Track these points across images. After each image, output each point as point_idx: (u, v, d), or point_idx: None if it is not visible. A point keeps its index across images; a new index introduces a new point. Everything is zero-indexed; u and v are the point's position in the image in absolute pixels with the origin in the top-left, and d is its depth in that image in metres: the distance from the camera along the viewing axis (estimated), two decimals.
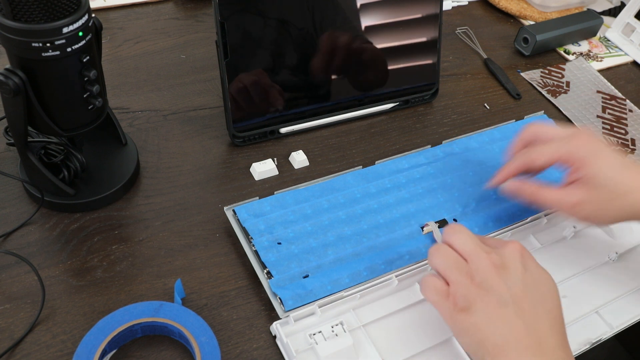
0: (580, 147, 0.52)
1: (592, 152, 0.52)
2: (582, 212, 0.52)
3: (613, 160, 0.52)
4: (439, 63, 0.74)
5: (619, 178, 0.51)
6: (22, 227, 0.55)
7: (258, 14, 0.61)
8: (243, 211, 0.57)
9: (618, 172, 0.51)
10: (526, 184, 0.55)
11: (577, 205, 0.52)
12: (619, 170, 0.51)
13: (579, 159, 0.52)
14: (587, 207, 0.52)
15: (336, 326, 0.50)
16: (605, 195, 0.51)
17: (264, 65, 0.63)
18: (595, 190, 0.51)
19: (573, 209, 0.52)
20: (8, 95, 0.48)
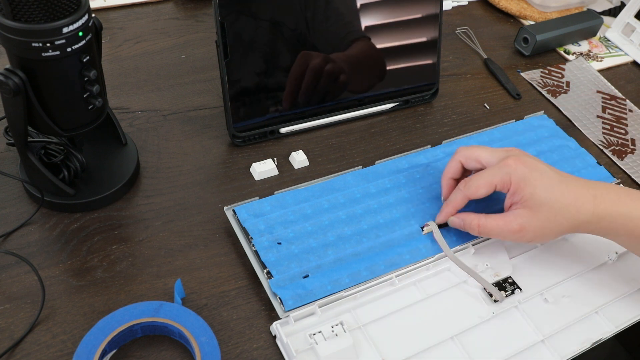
0: (513, 171, 0.53)
1: (525, 174, 0.53)
2: (526, 236, 0.53)
3: (546, 178, 0.53)
4: (439, 63, 0.74)
5: (555, 195, 0.52)
6: (22, 227, 0.55)
7: (258, 14, 0.61)
8: (243, 211, 0.57)
9: (553, 189, 0.52)
10: (470, 217, 0.56)
11: (519, 231, 0.53)
12: (554, 187, 0.52)
13: (513, 183, 0.53)
14: (530, 230, 0.53)
15: (336, 326, 0.50)
16: (544, 214, 0.52)
17: (264, 65, 0.63)
18: (535, 211, 0.52)
19: (517, 235, 0.53)
20: (8, 95, 0.48)
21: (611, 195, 0.52)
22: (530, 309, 0.54)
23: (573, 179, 0.54)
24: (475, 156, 0.57)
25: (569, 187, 0.52)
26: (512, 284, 0.56)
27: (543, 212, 0.52)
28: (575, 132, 0.76)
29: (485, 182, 0.54)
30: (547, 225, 0.52)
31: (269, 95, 0.65)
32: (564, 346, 0.52)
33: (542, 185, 0.52)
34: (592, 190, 0.53)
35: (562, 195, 0.52)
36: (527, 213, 0.52)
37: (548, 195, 0.52)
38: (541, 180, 0.52)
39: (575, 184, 0.53)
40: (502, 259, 0.58)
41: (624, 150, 0.74)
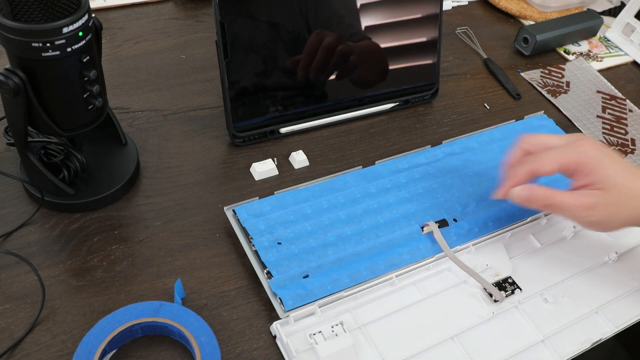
0: (586, 152, 0.52)
1: (599, 157, 0.52)
2: (595, 216, 0.51)
3: (620, 164, 0.52)
4: (439, 63, 0.74)
5: (628, 182, 0.51)
6: (22, 227, 0.55)
7: (258, 13, 0.61)
8: (243, 211, 0.57)
9: (627, 176, 0.51)
10: (538, 188, 0.53)
11: (592, 207, 0.51)
12: (627, 174, 0.51)
13: (586, 164, 0.52)
14: (601, 210, 0.51)
15: (336, 326, 0.50)
16: (617, 198, 0.51)
17: (264, 65, 0.63)
18: (608, 193, 0.51)
19: (586, 212, 0.51)
20: (8, 95, 0.48)
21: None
22: (530, 309, 0.54)
23: None
24: (542, 142, 0.55)
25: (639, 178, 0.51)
26: (512, 284, 0.56)
27: (616, 196, 0.51)
28: (576, 132, 0.76)
29: (555, 158, 0.53)
30: (618, 210, 0.51)
31: (269, 95, 0.65)
32: (564, 346, 0.52)
33: (616, 170, 0.51)
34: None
35: (634, 184, 0.51)
36: (599, 193, 0.51)
37: (622, 181, 0.51)
38: (615, 165, 0.51)
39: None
40: (502, 259, 0.58)
41: (624, 150, 0.74)
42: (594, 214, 0.51)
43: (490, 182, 0.63)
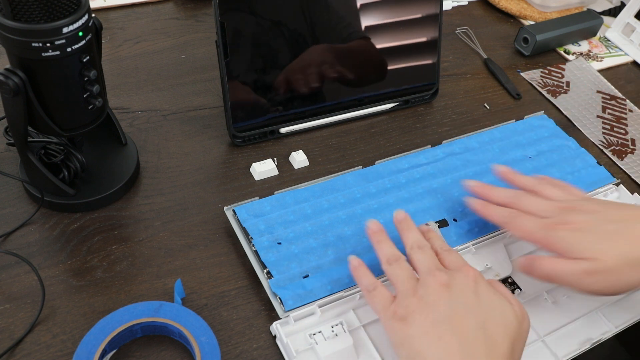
0: (563, 239, 0.49)
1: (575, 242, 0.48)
2: (597, 283, 0.48)
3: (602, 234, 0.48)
4: (439, 63, 0.74)
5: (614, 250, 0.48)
6: (22, 227, 0.55)
7: (258, 13, 0.61)
8: (243, 211, 0.57)
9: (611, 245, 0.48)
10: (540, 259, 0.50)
11: (592, 273, 0.47)
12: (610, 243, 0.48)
13: (562, 250, 0.49)
14: (601, 277, 0.48)
15: (336, 326, 0.50)
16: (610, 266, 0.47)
17: (264, 65, 0.63)
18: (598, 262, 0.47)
19: (589, 278, 0.48)
20: (8, 95, 0.48)
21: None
22: (530, 309, 0.54)
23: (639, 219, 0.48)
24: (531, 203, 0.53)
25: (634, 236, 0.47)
26: (512, 284, 0.56)
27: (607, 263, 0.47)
28: (575, 132, 0.76)
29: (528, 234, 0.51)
30: (616, 277, 0.47)
31: (269, 95, 0.65)
32: (564, 346, 0.52)
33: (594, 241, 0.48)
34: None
35: (620, 249, 0.47)
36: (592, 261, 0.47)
37: (604, 249, 0.47)
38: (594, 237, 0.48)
39: None
40: (502, 259, 0.58)
41: (624, 150, 0.74)
42: (595, 281, 0.47)
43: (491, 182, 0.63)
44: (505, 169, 0.59)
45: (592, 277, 0.47)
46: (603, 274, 0.47)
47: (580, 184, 0.65)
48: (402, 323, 0.44)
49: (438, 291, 0.45)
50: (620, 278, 0.47)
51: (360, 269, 0.50)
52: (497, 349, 0.42)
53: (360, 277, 0.49)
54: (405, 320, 0.44)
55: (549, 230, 0.49)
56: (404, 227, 0.52)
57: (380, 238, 0.51)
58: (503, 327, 0.44)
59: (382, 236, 0.51)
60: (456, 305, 0.44)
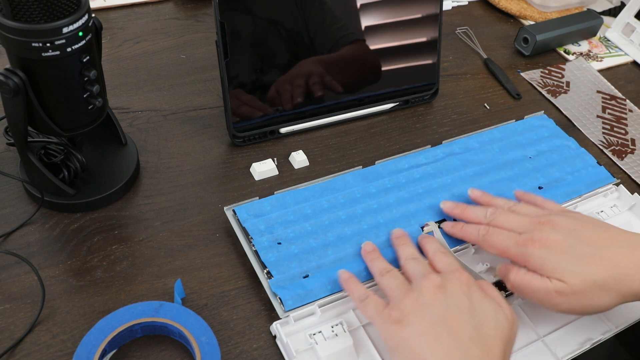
0: (532, 255, 0.49)
1: (545, 258, 0.48)
2: (564, 304, 0.48)
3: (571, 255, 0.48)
4: (439, 63, 0.74)
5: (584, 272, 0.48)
6: (22, 227, 0.55)
7: (258, 14, 0.61)
8: (243, 211, 0.57)
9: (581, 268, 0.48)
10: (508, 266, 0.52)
11: (561, 294, 0.48)
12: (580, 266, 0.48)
13: (533, 265, 0.49)
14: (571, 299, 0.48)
15: (336, 326, 0.50)
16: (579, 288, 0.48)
17: (264, 65, 0.63)
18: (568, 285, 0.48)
19: (558, 299, 0.48)
20: (8, 95, 0.48)
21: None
22: (530, 308, 0.54)
23: (613, 245, 0.48)
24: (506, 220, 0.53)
25: (606, 261, 0.47)
26: None
27: (576, 286, 0.47)
28: (575, 132, 0.76)
29: (502, 248, 0.51)
30: (585, 299, 0.47)
31: (269, 95, 0.65)
32: (564, 346, 0.52)
33: (564, 262, 0.48)
34: (635, 259, 0.47)
35: (591, 271, 0.47)
36: (561, 283, 0.48)
37: (574, 271, 0.47)
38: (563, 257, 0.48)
39: (615, 253, 0.48)
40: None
41: (624, 150, 0.74)
42: (563, 301, 0.48)
43: (490, 182, 0.63)
44: (479, 194, 0.59)
45: (561, 297, 0.47)
46: (572, 296, 0.47)
47: (580, 184, 0.65)
48: (398, 325, 0.44)
49: (432, 292, 0.45)
50: (589, 300, 0.47)
51: (350, 281, 0.50)
52: (491, 350, 0.43)
53: (351, 289, 0.50)
54: (401, 322, 0.44)
55: (523, 246, 0.50)
56: (400, 242, 0.54)
57: (373, 256, 0.52)
58: (495, 330, 0.44)
59: (375, 254, 0.53)
60: (451, 307, 0.44)
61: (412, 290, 0.46)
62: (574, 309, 0.48)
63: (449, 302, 0.45)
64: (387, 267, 0.50)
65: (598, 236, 0.49)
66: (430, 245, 0.53)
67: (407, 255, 0.51)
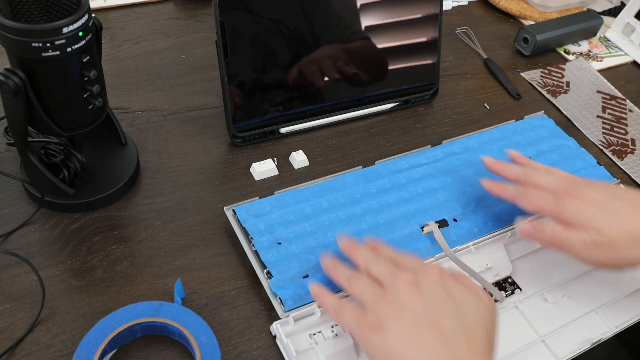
0: (566, 209, 0.51)
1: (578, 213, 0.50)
2: (599, 255, 0.49)
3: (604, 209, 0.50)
4: (439, 63, 0.74)
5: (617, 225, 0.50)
6: (22, 227, 0.55)
7: (258, 14, 0.61)
8: (243, 211, 0.57)
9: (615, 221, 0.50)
10: (542, 226, 0.52)
11: (595, 245, 0.49)
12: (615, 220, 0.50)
13: (567, 218, 0.50)
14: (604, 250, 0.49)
15: (336, 326, 0.50)
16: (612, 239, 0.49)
17: (264, 65, 0.63)
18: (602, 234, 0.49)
19: (591, 249, 0.49)
20: (8, 95, 0.48)
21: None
22: (530, 309, 0.54)
23: None
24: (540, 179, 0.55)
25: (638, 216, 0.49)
26: (512, 284, 0.56)
27: (609, 236, 0.49)
28: (575, 132, 0.76)
29: (537, 204, 0.52)
30: (617, 250, 0.49)
31: (269, 95, 0.65)
32: (564, 346, 0.52)
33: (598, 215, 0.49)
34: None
35: (623, 225, 0.49)
36: (596, 233, 0.49)
37: (608, 224, 0.49)
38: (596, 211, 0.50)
39: None
40: (502, 259, 0.58)
41: (624, 150, 0.74)
42: (599, 252, 0.49)
43: None
44: (517, 154, 0.60)
45: (594, 248, 0.49)
46: (605, 247, 0.48)
47: None
48: (379, 332, 0.43)
49: (408, 291, 0.44)
50: (620, 253, 0.48)
51: (322, 294, 0.48)
52: (476, 341, 0.42)
53: (324, 302, 0.48)
54: (381, 328, 0.43)
55: (559, 200, 0.51)
56: (351, 249, 0.51)
57: (335, 268, 0.50)
58: (477, 319, 0.44)
59: (335, 264, 0.50)
60: (429, 303, 0.43)
61: (386, 293, 0.45)
62: (609, 261, 0.49)
63: (427, 299, 0.43)
64: (353, 273, 0.48)
65: (630, 195, 0.51)
66: (386, 252, 0.50)
67: (366, 259, 0.49)
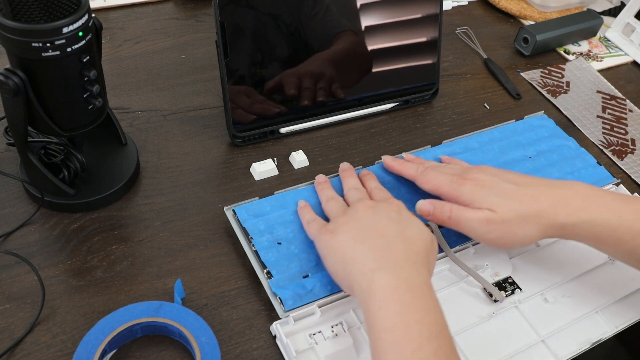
0: (464, 192, 0.54)
1: (473, 192, 0.54)
2: (493, 232, 0.52)
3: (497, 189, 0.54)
4: (439, 63, 0.74)
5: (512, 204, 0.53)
6: (22, 227, 0.55)
7: (258, 14, 0.61)
8: (243, 211, 0.57)
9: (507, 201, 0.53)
10: (440, 203, 0.55)
11: (490, 222, 0.52)
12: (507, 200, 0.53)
13: (464, 201, 0.54)
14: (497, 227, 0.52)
15: (336, 326, 0.50)
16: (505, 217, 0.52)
17: (264, 65, 0.63)
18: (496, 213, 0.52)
19: (486, 227, 0.52)
20: (8, 95, 0.48)
21: (577, 202, 0.52)
22: (530, 309, 0.54)
23: (533, 185, 0.54)
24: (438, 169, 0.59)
25: (528, 196, 0.53)
26: (512, 284, 0.56)
27: (502, 215, 0.52)
28: (575, 132, 0.76)
29: (436, 186, 0.57)
30: (509, 229, 0.52)
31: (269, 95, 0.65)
32: (564, 346, 0.52)
33: (492, 195, 0.53)
34: (553, 196, 0.52)
35: (518, 204, 0.52)
36: (490, 212, 0.52)
37: (501, 202, 0.52)
38: (490, 191, 0.53)
39: (535, 191, 0.53)
40: (502, 259, 0.58)
41: (624, 150, 0.74)
42: (493, 229, 0.52)
43: None
44: (412, 157, 0.64)
45: (488, 225, 0.52)
46: (498, 224, 0.52)
47: None
48: (332, 234, 0.50)
49: (364, 209, 0.52)
50: (512, 230, 0.52)
51: (305, 209, 0.57)
52: (414, 252, 0.48)
53: (303, 214, 0.56)
54: (335, 232, 0.50)
55: (456, 183, 0.55)
56: (346, 175, 0.60)
57: (323, 186, 0.59)
58: (419, 237, 0.50)
59: (326, 185, 0.59)
60: (380, 219, 0.51)
61: (348, 210, 0.53)
62: (502, 238, 0.53)
63: (379, 216, 0.51)
64: (333, 195, 0.57)
65: (519, 178, 0.55)
66: (370, 182, 0.59)
67: (350, 186, 0.58)
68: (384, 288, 0.45)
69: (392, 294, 0.44)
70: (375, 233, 0.49)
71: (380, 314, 0.44)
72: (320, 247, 0.51)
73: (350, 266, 0.47)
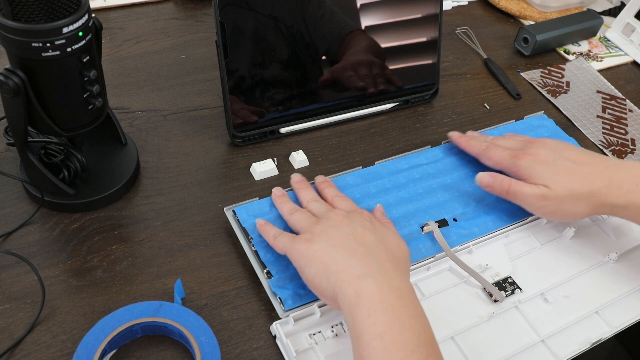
0: (519, 165, 0.58)
1: (530, 166, 0.58)
2: (547, 207, 0.56)
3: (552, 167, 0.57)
4: (439, 63, 0.74)
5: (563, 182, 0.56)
6: (22, 227, 0.55)
7: (258, 14, 0.61)
8: (243, 211, 0.57)
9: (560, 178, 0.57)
10: (500, 177, 0.59)
11: (544, 198, 0.56)
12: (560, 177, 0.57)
13: (522, 175, 0.58)
14: (551, 202, 0.56)
15: (336, 326, 0.50)
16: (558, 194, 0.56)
17: (264, 65, 0.63)
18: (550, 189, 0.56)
19: (541, 202, 0.56)
20: (8, 95, 0.48)
21: (629, 184, 0.54)
22: (530, 309, 0.54)
23: (589, 163, 0.56)
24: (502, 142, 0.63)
25: (582, 176, 0.55)
26: (512, 284, 0.56)
27: (555, 191, 0.55)
28: (575, 132, 0.76)
29: (498, 160, 0.60)
30: (560, 205, 0.55)
31: (269, 95, 0.65)
32: (564, 346, 0.52)
33: (546, 173, 0.56)
34: (606, 177, 0.55)
35: (568, 183, 0.55)
36: (545, 188, 0.56)
37: (554, 179, 0.56)
38: (546, 169, 0.57)
39: (591, 170, 0.56)
40: (502, 259, 0.58)
41: (624, 150, 0.74)
42: (546, 204, 0.56)
43: None
44: (456, 136, 0.67)
45: (543, 201, 0.56)
46: (551, 201, 0.56)
47: None
48: (309, 243, 0.49)
49: (339, 218, 0.51)
50: (564, 206, 0.56)
51: (266, 225, 0.54)
52: (396, 260, 0.48)
53: (267, 230, 0.54)
54: (311, 241, 0.49)
55: (515, 158, 0.59)
56: (300, 187, 0.59)
57: (283, 199, 0.57)
58: (397, 246, 0.50)
59: (284, 198, 0.58)
60: (357, 227, 0.50)
61: (320, 220, 0.52)
62: (555, 213, 0.57)
63: (354, 224, 0.50)
64: (296, 207, 0.55)
65: (577, 156, 0.58)
66: (329, 190, 0.58)
67: (309, 198, 0.57)
68: (373, 295, 0.44)
69: (382, 301, 0.43)
70: (356, 241, 0.48)
71: (369, 321, 0.43)
72: (297, 258, 0.49)
73: (335, 275, 0.46)
